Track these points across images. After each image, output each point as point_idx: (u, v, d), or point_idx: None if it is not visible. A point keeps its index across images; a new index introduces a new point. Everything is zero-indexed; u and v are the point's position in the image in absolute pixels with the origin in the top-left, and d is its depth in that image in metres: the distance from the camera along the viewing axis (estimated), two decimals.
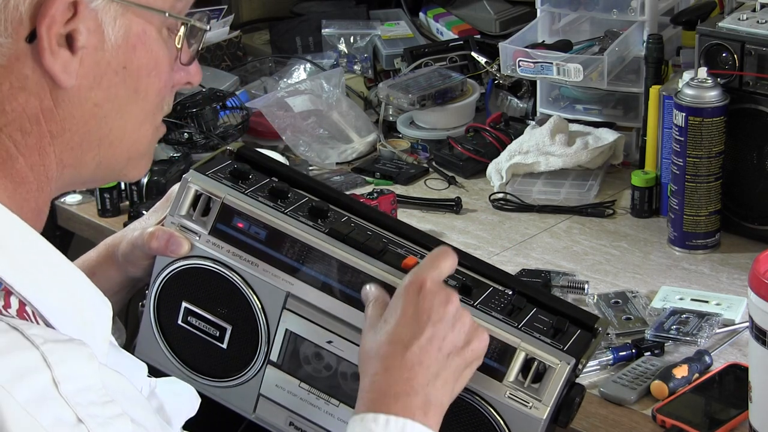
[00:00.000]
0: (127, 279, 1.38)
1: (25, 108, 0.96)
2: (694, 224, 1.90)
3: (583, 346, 1.26)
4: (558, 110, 2.27)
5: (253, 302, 1.33)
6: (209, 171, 1.38)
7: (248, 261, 1.32)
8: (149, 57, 1.01)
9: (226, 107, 2.31)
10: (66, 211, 2.17)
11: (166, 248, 1.33)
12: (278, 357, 1.33)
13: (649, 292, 1.78)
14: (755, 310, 1.31)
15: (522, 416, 1.23)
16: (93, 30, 0.96)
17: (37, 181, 0.99)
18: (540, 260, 1.91)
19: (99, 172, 1.04)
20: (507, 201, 2.11)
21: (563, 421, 1.26)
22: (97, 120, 0.99)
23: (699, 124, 1.84)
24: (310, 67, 2.59)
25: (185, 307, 1.36)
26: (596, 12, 2.22)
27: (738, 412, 1.47)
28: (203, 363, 1.36)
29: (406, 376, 1.15)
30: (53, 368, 0.89)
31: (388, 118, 2.42)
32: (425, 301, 1.19)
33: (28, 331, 0.90)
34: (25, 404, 0.87)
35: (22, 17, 0.94)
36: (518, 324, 1.26)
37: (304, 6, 2.96)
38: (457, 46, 2.56)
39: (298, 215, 1.34)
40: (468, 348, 1.20)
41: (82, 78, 0.97)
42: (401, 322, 1.18)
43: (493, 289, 1.31)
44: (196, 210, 1.36)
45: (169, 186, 1.96)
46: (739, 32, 1.87)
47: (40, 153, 0.98)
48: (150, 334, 1.38)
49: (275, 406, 1.34)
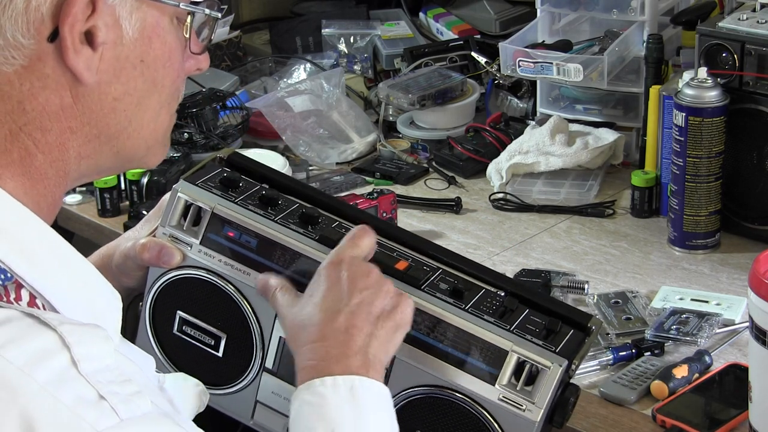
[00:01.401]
0: (122, 289, 1.38)
1: (45, 106, 0.97)
2: (694, 224, 1.90)
3: (576, 345, 1.26)
4: (558, 110, 2.27)
5: (246, 311, 1.33)
6: (199, 180, 1.38)
7: (240, 270, 1.32)
8: (164, 48, 1.02)
9: (226, 107, 2.31)
10: (66, 211, 2.17)
11: (158, 259, 1.34)
12: (273, 364, 1.33)
13: (649, 292, 1.78)
14: (755, 310, 1.32)
15: (516, 419, 1.23)
16: (111, 25, 0.97)
17: (55, 177, 1.00)
18: (540, 260, 1.91)
19: (118, 161, 1.05)
20: (507, 201, 2.11)
21: (558, 421, 1.26)
22: (116, 113, 1.01)
23: (699, 124, 1.84)
24: (310, 67, 2.59)
25: (180, 317, 1.36)
26: (596, 12, 2.22)
27: (738, 412, 1.47)
28: (200, 371, 1.36)
29: (342, 339, 1.17)
30: (72, 348, 0.89)
31: (388, 118, 2.42)
32: (347, 273, 1.21)
33: (43, 316, 0.91)
34: (45, 385, 0.87)
35: (44, 17, 0.94)
36: (510, 326, 1.26)
37: (304, 6, 2.96)
38: (457, 46, 2.56)
39: (288, 222, 1.34)
40: (397, 311, 1.22)
41: (103, 73, 0.98)
42: (327, 294, 1.20)
43: (485, 291, 1.30)
44: (187, 220, 1.35)
45: (170, 186, 1.96)
46: (739, 32, 1.87)
47: (60, 149, 0.99)
48: (147, 343, 1.38)
49: (272, 412, 1.34)
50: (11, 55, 0.94)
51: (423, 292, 1.28)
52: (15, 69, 0.95)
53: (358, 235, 1.26)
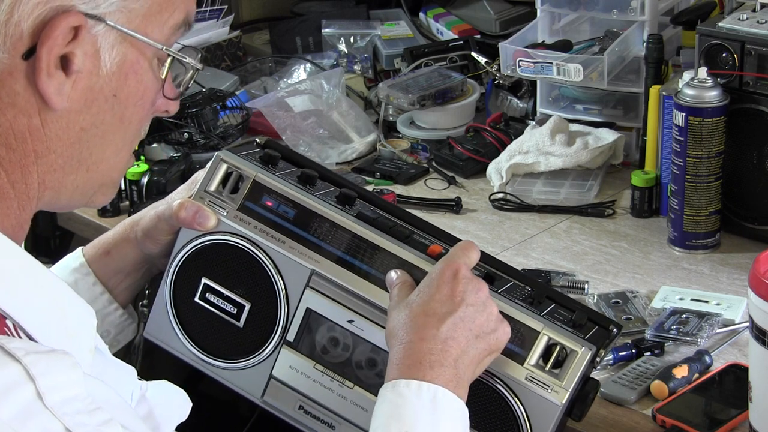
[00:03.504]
0: (144, 258, 1.38)
1: (12, 124, 0.96)
2: (694, 224, 1.90)
3: (602, 339, 1.29)
4: (558, 110, 2.27)
5: (275, 280, 1.33)
6: (240, 153, 1.40)
7: (275, 238, 1.34)
8: (138, 86, 1.01)
9: (226, 107, 2.31)
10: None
11: (194, 220, 1.34)
12: (295, 337, 1.33)
13: (649, 292, 1.78)
14: (755, 310, 1.32)
15: (540, 400, 1.25)
16: (90, 55, 0.96)
17: (17, 199, 0.98)
18: (540, 260, 1.91)
19: (74, 197, 1.04)
20: (507, 201, 2.11)
21: (577, 414, 1.27)
22: (80, 144, 0.99)
23: (699, 124, 1.84)
24: (310, 67, 2.59)
25: (205, 284, 1.36)
26: (596, 12, 2.22)
27: (738, 412, 1.47)
28: (215, 343, 1.37)
29: (440, 347, 1.19)
30: (37, 380, 0.87)
31: (388, 118, 2.42)
32: (460, 285, 1.23)
33: (8, 345, 0.88)
34: (9, 421, 0.85)
35: (23, 34, 0.93)
36: (540, 312, 1.29)
37: (304, 6, 2.96)
38: (457, 46, 2.56)
39: (327, 198, 1.36)
40: (493, 335, 1.23)
41: (73, 101, 0.97)
42: (436, 298, 1.22)
43: (513, 283, 1.34)
44: (226, 187, 1.37)
45: (170, 186, 1.96)
46: (739, 32, 1.87)
47: (23, 171, 0.97)
48: (163, 313, 1.38)
49: (285, 390, 1.34)
50: None
51: None
52: None
53: (468, 247, 1.29)
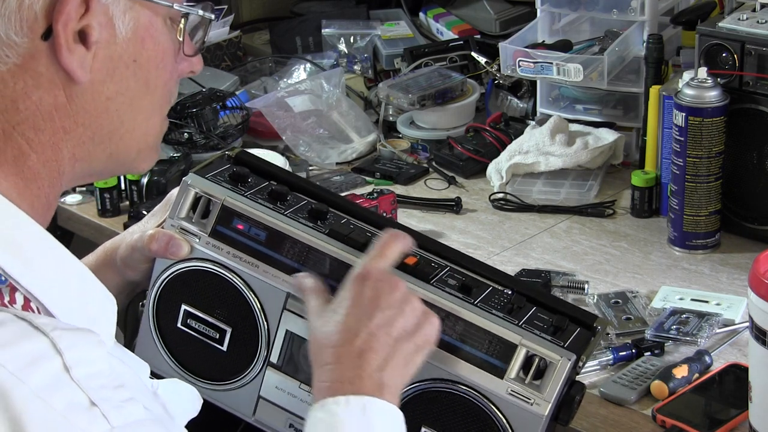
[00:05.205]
0: (126, 283, 1.38)
1: (38, 105, 0.97)
2: (694, 224, 1.90)
3: (583, 343, 1.27)
4: (558, 110, 2.27)
5: (253, 303, 1.33)
6: (208, 174, 1.38)
7: (248, 262, 1.33)
8: (156, 49, 1.02)
9: (226, 107, 2.31)
10: (66, 211, 2.17)
11: (166, 250, 1.33)
12: (278, 359, 1.33)
13: (649, 292, 1.78)
14: (755, 310, 1.32)
15: (523, 413, 1.23)
16: (104, 24, 0.97)
17: (49, 177, 1.00)
18: (540, 260, 1.91)
19: (110, 165, 1.05)
20: (507, 201, 2.11)
21: (564, 419, 1.26)
22: (109, 114, 1.01)
23: (699, 124, 1.84)
24: (310, 67, 2.59)
25: (185, 310, 1.36)
26: (596, 12, 2.22)
27: (738, 412, 1.47)
28: (202, 366, 1.36)
29: (357, 363, 1.17)
30: (63, 354, 0.89)
31: (388, 118, 2.42)
32: (371, 290, 1.21)
33: (36, 320, 0.91)
34: (37, 391, 0.87)
35: (37, 16, 0.95)
36: (518, 322, 1.26)
37: (304, 6, 2.96)
38: (457, 46, 2.56)
39: (297, 217, 1.34)
40: (419, 333, 1.21)
41: (96, 72, 0.98)
42: (349, 312, 1.20)
43: (493, 288, 1.31)
44: (196, 212, 1.36)
45: (170, 186, 1.97)
46: (739, 32, 1.87)
47: (53, 149, 0.99)
48: (149, 338, 1.38)
49: (275, 409, 1.34)
50: (5, 54, 0.95)
51: (432, 286, 1.28)
52: (9, 68, 0.95)
53: (386, 244, 1.26)
